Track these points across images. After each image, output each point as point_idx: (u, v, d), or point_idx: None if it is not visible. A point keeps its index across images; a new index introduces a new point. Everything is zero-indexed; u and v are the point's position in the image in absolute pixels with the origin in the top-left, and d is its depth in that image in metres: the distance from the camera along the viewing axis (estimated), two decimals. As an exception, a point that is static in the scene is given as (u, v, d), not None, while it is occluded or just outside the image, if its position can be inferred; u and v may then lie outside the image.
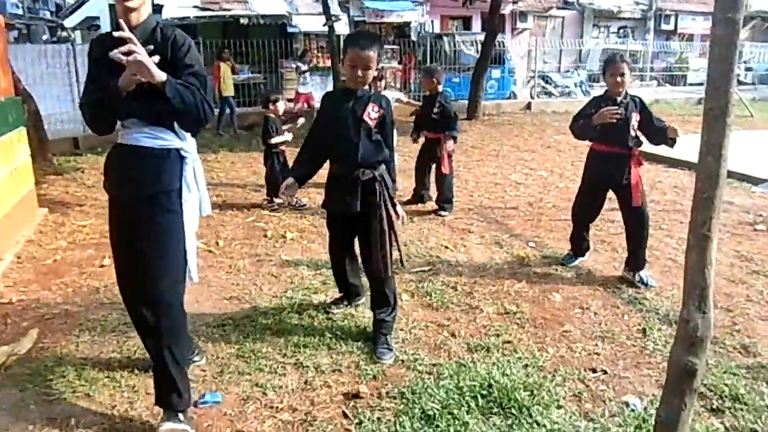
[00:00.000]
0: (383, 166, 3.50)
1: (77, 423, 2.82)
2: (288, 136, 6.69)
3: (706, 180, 1.74)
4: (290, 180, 3.59)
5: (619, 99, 4.46)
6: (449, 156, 6.29)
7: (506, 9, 21.51)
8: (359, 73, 3.34)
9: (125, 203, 2.74)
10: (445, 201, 6.32)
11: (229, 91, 12.22)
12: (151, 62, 2.38)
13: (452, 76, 15.25)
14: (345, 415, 2.88)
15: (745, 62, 24.33)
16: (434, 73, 6.54)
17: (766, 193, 7.01)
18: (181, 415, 2.71)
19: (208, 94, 2.65)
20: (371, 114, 3.43)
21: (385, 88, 8.55)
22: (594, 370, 3.30)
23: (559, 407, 2.93)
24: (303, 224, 5.97)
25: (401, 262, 3.64)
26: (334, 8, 15.70)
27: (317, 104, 10.51)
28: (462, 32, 20.21)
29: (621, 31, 25.60)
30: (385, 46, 18.99)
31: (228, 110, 12.37)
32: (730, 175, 7.90)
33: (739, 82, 22.94)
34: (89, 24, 26.08)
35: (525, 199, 6.97)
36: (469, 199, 6.92)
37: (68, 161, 9.09)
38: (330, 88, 14.70)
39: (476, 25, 21.82)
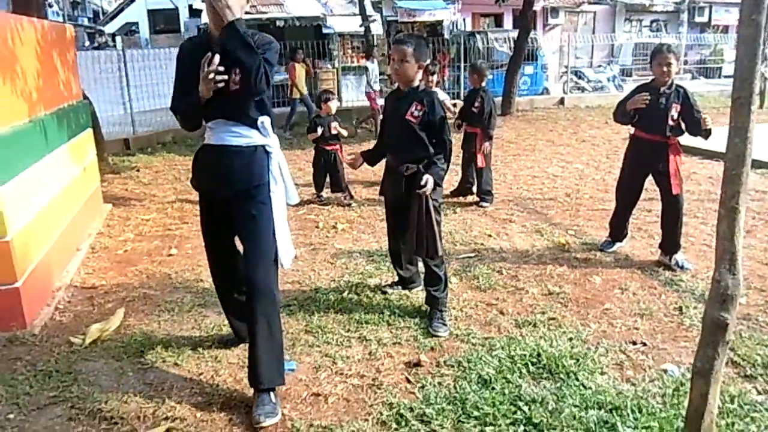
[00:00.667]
0: (429, 161, 3.73)
1: (171, 387, 3.18)
2: (343, 132, 7.00)
3: (734, 159, 2.02)
4: (357, 154, 4.18)
5: (662, 89, 4.64)
6: (484, 154, 6.56)
7: (538, 5, 21.63)
8: (396, 66, 3.73)
9: (219, 200, 3.02)
10: (484, 193, 6.60)
11: (303, 91, 12.46)
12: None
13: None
14: (408, 381, 3.20)
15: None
16: (478, 70, 6.93)
17: (801, 182, 7.12)
18: (272, 395, 2.91)
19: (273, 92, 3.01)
20: (414, 113, 3.72)
21: (437, 84, 8.91)
22: (634, 343, 3.57)
23: (602, 373, 3.21)
24: (351, 216, 6.31)
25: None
26: (369, 9, 16.05)
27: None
28: (494, 29, 20.42)
29: (654, 24, 25.50)
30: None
31: (304, 108, 12.64)
32: (764, 165, 8.05)
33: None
34: (128, 29, 26.96)
35: (563, 191, 7.22)
36: (508, 191, 7.19)
37: (122, 161, 9.58)
38: (363, 86, 15.07)
39: (507, 21, 22.00)
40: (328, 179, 6.92)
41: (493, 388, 3.04)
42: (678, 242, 4.75)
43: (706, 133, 4.67)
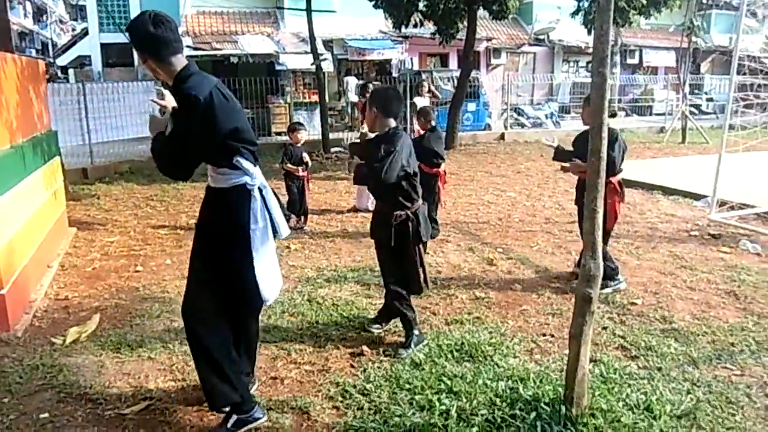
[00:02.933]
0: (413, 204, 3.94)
1: (146, 375, 3.69)
2: (308, 164, 7.26)
3: (593, 173, 2.71)
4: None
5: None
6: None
7: (481, 46, 22.89)
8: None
9: (203, 235, 3.12)
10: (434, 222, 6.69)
11: None
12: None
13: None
14: (352, 366, 3.78)
15: (706, 93, 25.81)
16: (425, 113, 6.87)
17: (705, 207, 8.03)
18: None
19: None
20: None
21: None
22: (544, 335, 4.24)
23: (515, 357, 3.86)
24: (303, 238, 6.88)
25: (425, 283, 4.12)
26: (320, 47, 16.81)
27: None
28: (440, 69, 21.48)
29: (589, 65, 27.06)
30: (369, 84, 20.14)
31: None
32: (676, 192, 9.02)
33: (701, 112, 24.46)
34: (80, 62, 27.07)
35: (495, 215, 7.96)
36: (447, 216, 7.87)
37: (82, 189, 9.93)
38: (317, 122, 15.76)
39: (453, 61, 23.09)
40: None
41: (423, 369, 3.65)
42: None
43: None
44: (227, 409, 3.11)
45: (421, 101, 11.01)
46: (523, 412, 3.07)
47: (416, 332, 4.03)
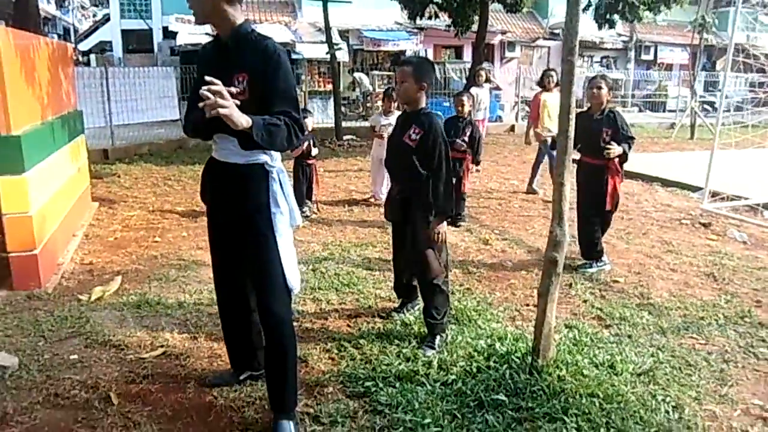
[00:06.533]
0: (423, 184, 3.69)
1: (163, 328, 4.09)
2: (315, 151, 7.44)
3: (561, 150, 3.06)
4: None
5: (595, 114, 5.19)
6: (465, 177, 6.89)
7: (495, 39, 23.14)
8: (398, 87, 3.79)
9: (220, 223, 2.97)
10: (459, 216, 6.92)
11: None
12: (235, 112, 2.39)
13: (443, 100, 16.69)
14: (349, 326, 4.17)
15: (720, 90, 25.83)
16: (465, 97, 7.02)
17: (700, 198, 8.32)
18: (291, 424, 2.92)
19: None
20: (411, 136, 3.70)
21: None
22: (527, 305, 4.61)
23: (497, 322, 4.23)
24: (312, 216, 7.27)
25: (446, 269, 3.97)
26: (335, 37, 17.17)
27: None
28: (453, 61, 21.78)
29: (604, 60, 27.23)
30: (380, 72, 20.50)
31: None
32: (675, 184, 9.31)
33: (715, 109, 24.50)
34: (101, 48, 27.66)
35: (496, 201, 8.32)
36: (449, 201, 8.23)
37: (103, 168, 10.40)
38: (330, 110, 16.16)
39: (467, 53, 23.34)
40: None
41: (412, 328, 4.03)
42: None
43: (621, 157, 5.19)
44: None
45: (480, 91, 10.50)
46: (497, 364, 3.45)
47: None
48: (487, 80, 11.53)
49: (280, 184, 2.83)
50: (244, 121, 2.41)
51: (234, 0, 2.68)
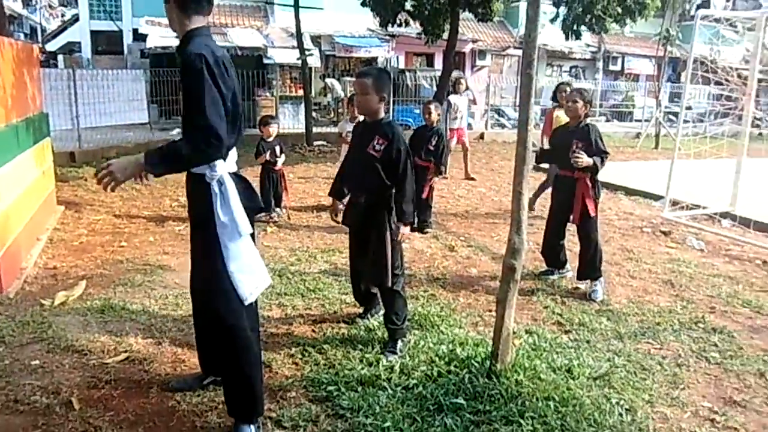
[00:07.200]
0: (387, 192, 3.81)
1: (127, 333, 4.09)
2: (281, 158, 7.46)
3: (520, 160, 3.15)
4: (331, 206, 4.41)
5: (571, 127, 5.27)
6: (431, 187, 7.01)
7: (466, 47, 23.37)
8: (358, 98, 3.83)
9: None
10: (424, 223, 6.93)
11: None
12: (118, 174, 2.57)
13: (413, 107, 16.81)
14: (313, 331, 4.21)
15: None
16: (433, 106, 7.13)
17: (662, 207, 8.53)
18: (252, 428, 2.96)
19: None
20: (375, 146, 3.75)
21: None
22: (490, 311, 4.69)
23: (460, 327, 4.31)
24: (280, 222, 7.29)
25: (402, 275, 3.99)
26: (307, 43, 17.20)
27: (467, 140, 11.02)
28: (424, 68, 21.94)
29: (572, 70, 27.67)
30: (352, 78, 20.56)
31: None
32: (638, 193, 9.53)
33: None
34: (69, 49, 27.26)
35: (463, 208, 8.44)
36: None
37: (69, 171, 10.28)
38: (301, 116, 16.17)
39: (438, 62, 23.52)
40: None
41: (376, 334, 4.09)
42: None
43: (590, 169, 5.16)
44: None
45: (458, 100, 10.82)
46: (457, 368, 3.52)
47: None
48: (467, 89, 11.66)
49: (221, 194, 2.77)
50: (134, 165, 2.59)
51: (186, 9, 2.73)
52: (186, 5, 2.73)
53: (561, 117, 7.51)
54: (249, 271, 2.85)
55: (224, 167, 2.80)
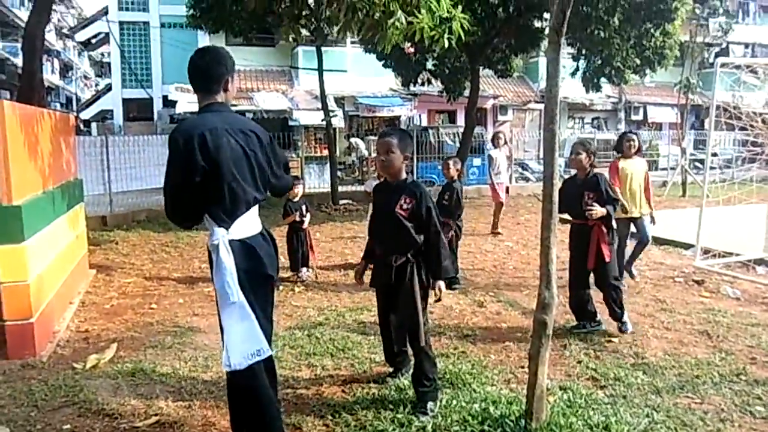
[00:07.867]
0: (418, 250, 3.80)
1: (157, 396, 4.09)
2: (307, 218, 7.47)
3: (547, 215, 3.15)
4: (358, 270, 4.29)
5: (578, 178, 5.38)
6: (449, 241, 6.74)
7: (488, 103, 23.73)
8: (383, 158, 3.80)
9: None
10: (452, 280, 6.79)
11: None
12: None
13: (437, 164, 16.96)
14: (344, 391, 4.16)
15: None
16: (452, 162, 7.36)
17: (693, 256, 8.39)
18: None
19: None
20: (403, 206, 3.75)
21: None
22: (523, 367, 4.60)
23: (492, 385, 4.23)
24: (307, 282, 7.31)
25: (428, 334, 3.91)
26: (331, 104, 17.59)
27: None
28: (447, 125, 22.24)
29: (595, 121, 27.83)
30: (376, 137, 20.90)
31: None
32: (668, 242, 9.39)
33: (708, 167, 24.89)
34: (103, 116, 28.24)
35: (491, 263, 8.38)
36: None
37: (101, 235, 10.49)
38: (326, 175, 16.40)
39: (461, 118, 23.83)
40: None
41: (407, 393, 4.03)
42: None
43: (605, 217, 5.22)
44: None
45: (498, 154, 10.91)
46: (491, 428, 3.44)
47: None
48: (506, 143, 11.71)
49: (215, 261, 2.91)
50: None
51: (193, 89, 3.08)
52: (192, 86, 3.08)
53: (626, 168, 7.00)
54: (238, 340, 2.87)
55: (223, 235, 2.91)
